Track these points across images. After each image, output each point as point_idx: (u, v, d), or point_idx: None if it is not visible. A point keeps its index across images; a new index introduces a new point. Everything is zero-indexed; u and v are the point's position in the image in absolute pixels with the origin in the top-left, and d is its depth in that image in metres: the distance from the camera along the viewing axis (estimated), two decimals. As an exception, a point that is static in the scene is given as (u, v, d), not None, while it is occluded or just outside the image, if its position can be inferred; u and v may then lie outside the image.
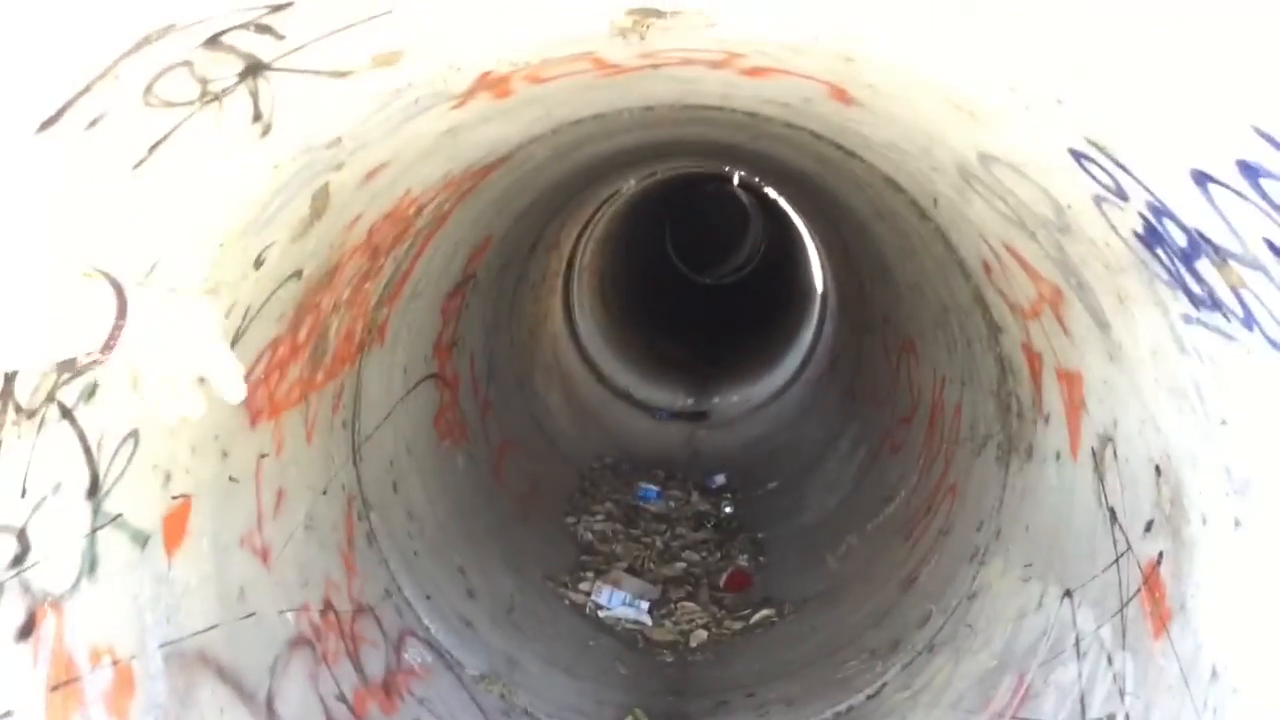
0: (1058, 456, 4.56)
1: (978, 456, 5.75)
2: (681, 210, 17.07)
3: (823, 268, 11.76)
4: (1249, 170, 2.14)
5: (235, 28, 2.19)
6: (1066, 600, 4.28)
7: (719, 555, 7.99)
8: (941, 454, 6.50)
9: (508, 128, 4.48)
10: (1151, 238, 2.87)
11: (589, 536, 8.02)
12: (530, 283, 9.44)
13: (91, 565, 3.04)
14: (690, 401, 12.16)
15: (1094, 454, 4.11)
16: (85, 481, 2.98)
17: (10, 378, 2.51)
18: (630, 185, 11.90)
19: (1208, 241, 2.58)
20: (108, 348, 1.63)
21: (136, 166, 2.51)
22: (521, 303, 9.21)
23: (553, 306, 10.88)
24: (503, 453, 8.00)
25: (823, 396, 10.51)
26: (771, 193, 12.39)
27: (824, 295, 11.88)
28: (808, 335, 12.00)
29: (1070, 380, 4.29)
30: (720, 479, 9.59)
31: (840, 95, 3.73)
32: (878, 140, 4.37)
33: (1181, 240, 2.70)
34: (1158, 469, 3.54)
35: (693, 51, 3.43)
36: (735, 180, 13.71)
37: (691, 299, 16.88)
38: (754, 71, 3.71)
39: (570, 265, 11.44)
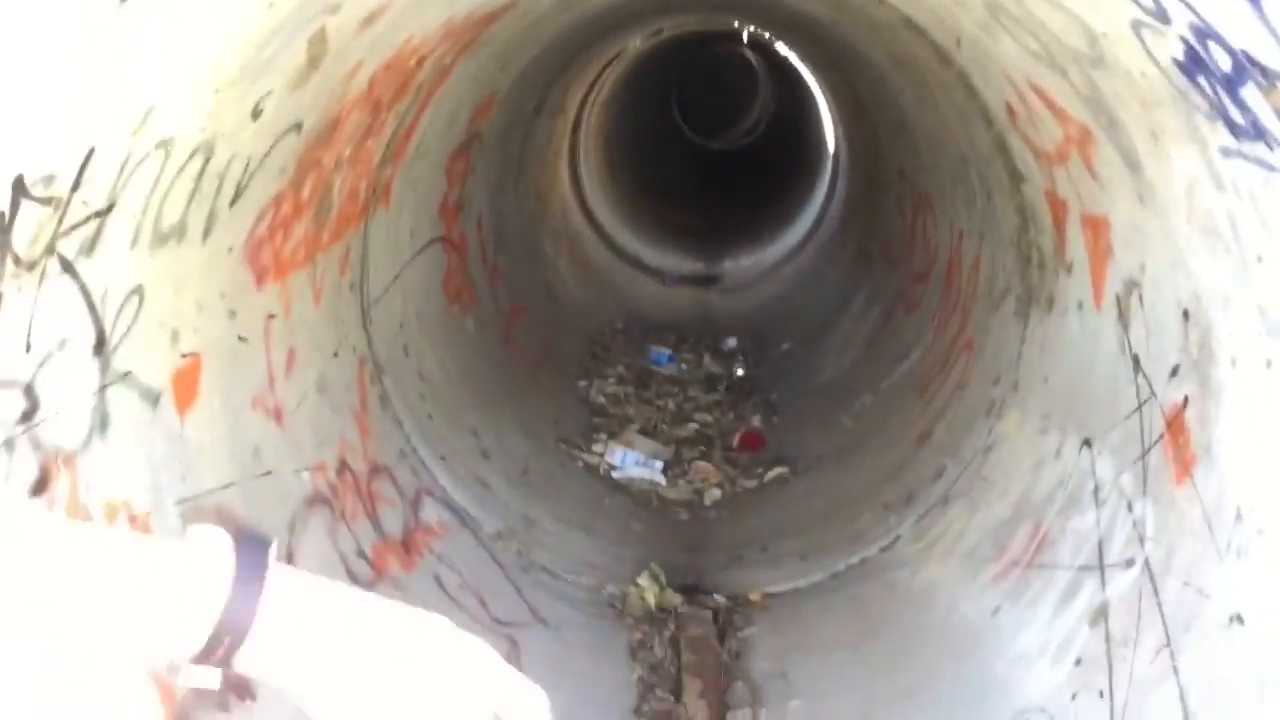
0: (1080, 306, 4.48)
1: (996, 311, 5.67)
2: (688, 73, 16.67)
3: (835, 126, 11.50)
4: (1310, -27, 2.00)
5: None
6: (1086, 449, 4.25)
7: (732, 416, 8.00)
8: (958, 310, 6.42)
9: (511, -31, 4.29)
10: (1193, 64, 2.73)
11: (601, 400, 8.01)
12: (536, 146, 9.24)
13: (103, 422, 3.00)
14: (700, 266, 12.05)
15: (1118, 301, 4.03)
16: (91, 337, 2.92)
17: (6, 226, 2.42)
18: (636, 44, 11.57)
19: (1255, 63, 2.44)
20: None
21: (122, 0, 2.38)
22: (528, 167, 9.03)
23: (559, 171, 10.69)
24: (512, 317, 7.94)
25: (836, 257, 10.39)
26: (782, 49, 12.05)
27: (836, 155, 11.66)
28: (820, 196, 11.81)
29: (1096, 226, 4.18)
30: (732, 342, 9.55)
31: (862, -76, 3.54)
32: (899, -24, 4.17)
33: (1226, 64, 2.56)
34: (1186, 313, 3.46)
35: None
36: (743, 38, 13.32)
37: (700, 163, 16.61)
38: (770, -100, 3.51)
39: (576, 129, 11.20)
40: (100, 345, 2.97)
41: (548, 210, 10.04)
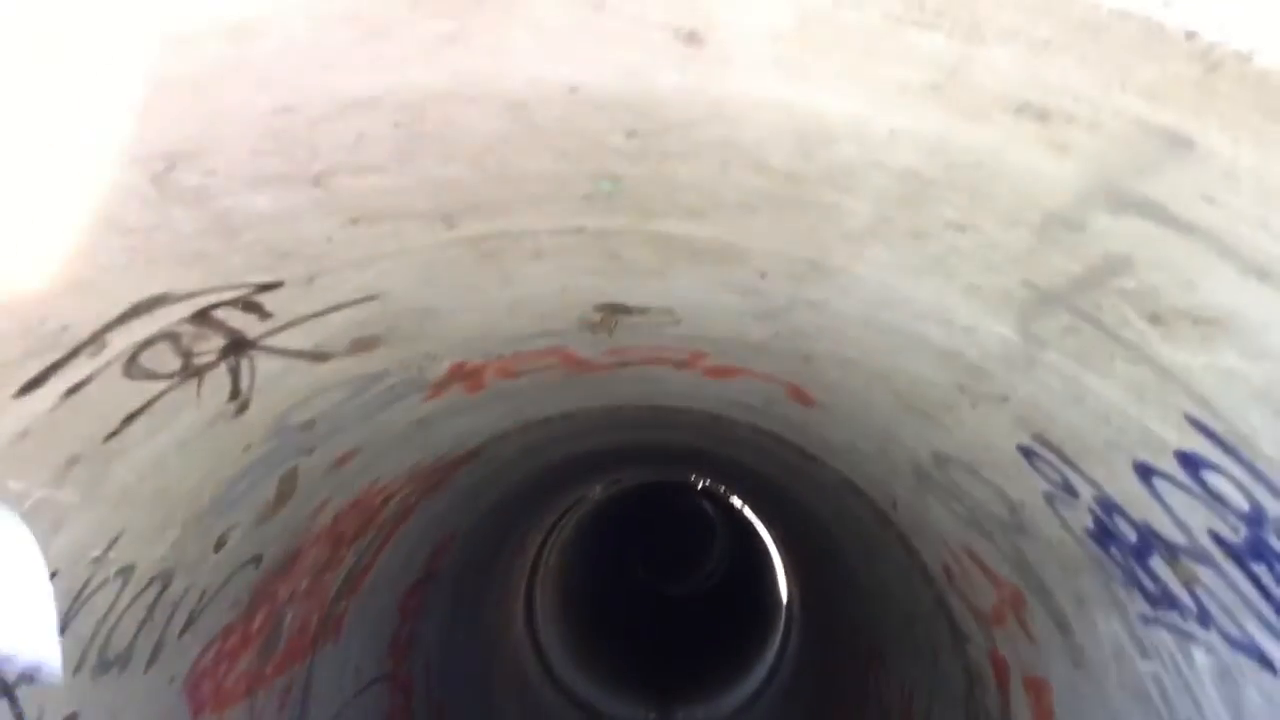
0: (1029, 770, 4.42)
1: (949, 774, 5.54)
2: (647, 520, 17.08)
3: (787, 575, 11.70)
4: (1189, 461, 2.23)
5: (225, 303, 2.30)
6: None
7: None
8: (912, 772, 6.25)
9: (478, 421, 4.60)
10: (1103, 535, 2.93)
11: None
12: (493, 585, 9.30)
13: None
14: (653, 715, 11.73)
15: (1066, 767, 3.99)
16: (16, 765, 2.84)
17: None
18: (596, 491, 11.99)
19: (1157, 537, 2.64)
20: None
21: (107, 439, 2.56)
22: (483, 605, 9.04)
23: (515, 610, 10.67)
24: (454, 763, 7.62)
25: (791, 708, 10.17)
26: (736, 502, 12.51)
27: (789, 605, 11.75)
28: (774, 645, 11.77)
29: (1038, 688, 4.23)
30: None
31: (800, 396, 3.89)
32: (838, 442, 4.50)
33: (1132, 536, 2.76)
34: (1129, 780, 3.44)
35: (659, 349, 3.60)
36: (700, 488, 13.85)
37: (656, 608, 16.60)
38: (717, 371, 3.88)
39: (535, 570, 11.32)
40: (24, 774, 2.87)
41: (500, 651, 9.91)
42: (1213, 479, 2.21)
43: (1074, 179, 1.67)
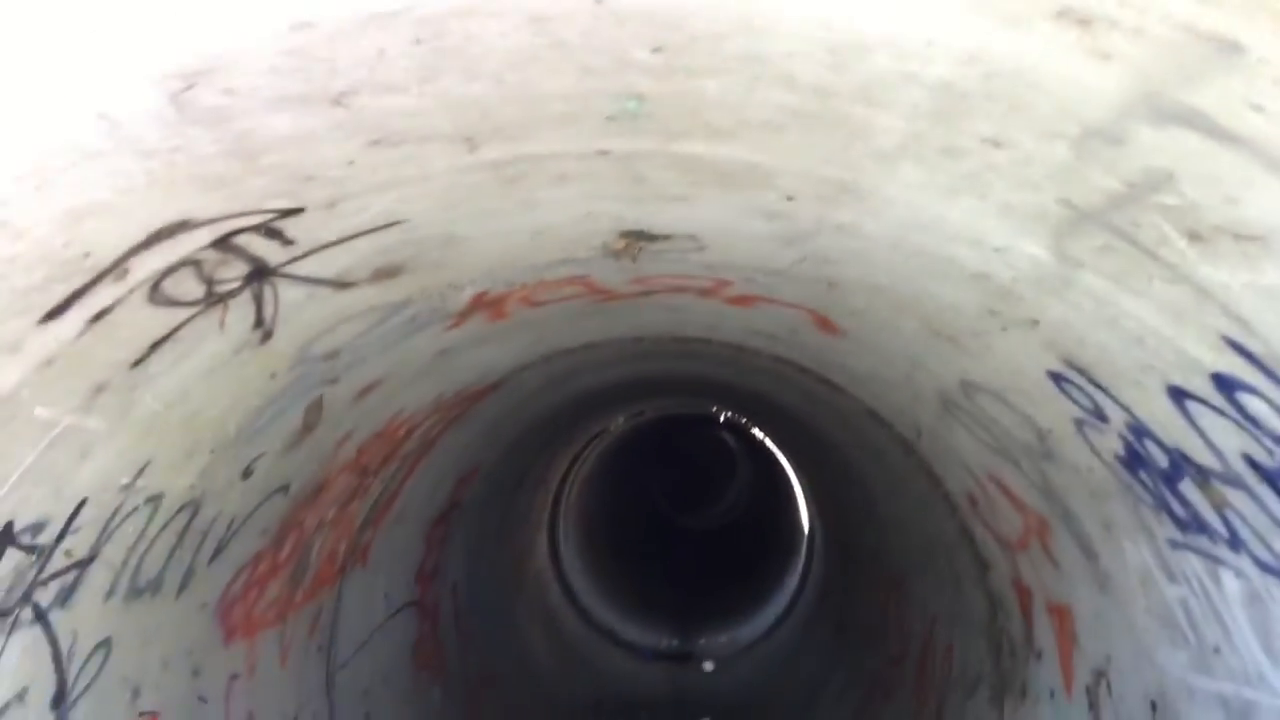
0: (1052, 695, 4.44)
1: (970, 698, 5.58)
2: (669, 453, 17.14)
3: (809, 507, 11.75)
4: (1224, 383, 2.20)
5: (247, 229, 2.29)
6: None
7: (704, 805, 7.61)
8: (933, 696, 6.31)
9: (501, 352, 4.59)
10: (1133, 460, 2.91)
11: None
12: (516, 517, 9.38)
13: (48, 782, 2.89)
14: (676, 642, 11.88)
15: (1089, 691, 4.01)
16: (52, 689, 2.88)
17: (-14, 574, 2.47)
18: (619, 423, 12.02)
19: (1189, 461, 2.61)
20: None
21: (133, 366, 2.56)
22: (507, 536, 9.12)
23: (538, 541, 10.78)
24: (481, 688, 7.74)
25: (811, 637, 10.27)
26: (758, 433, 12.52)
27: (810, 534, 11.82)
28: (795, 575, 11.86)
29: (1061, 614, 4.24)
30: (707, 725, 9.25)
31: (824, 324, 3.85)
32: (862, 371, 4.48)
33: (1163, 461, 2.74)
34: (1153, 704, 3.44)
35: (683, 278, 3.57)
36: (722, 420, 13.87)
37: (678, 540, 16.73)
38: (741, 300, 3.85)
39: (557, 502, 11.42)
40: (60, 699, 2.92)
41: (524, 580, 10.02)
42: (1248, 401, 2.18)
43: (1115, 89, 1.62)
